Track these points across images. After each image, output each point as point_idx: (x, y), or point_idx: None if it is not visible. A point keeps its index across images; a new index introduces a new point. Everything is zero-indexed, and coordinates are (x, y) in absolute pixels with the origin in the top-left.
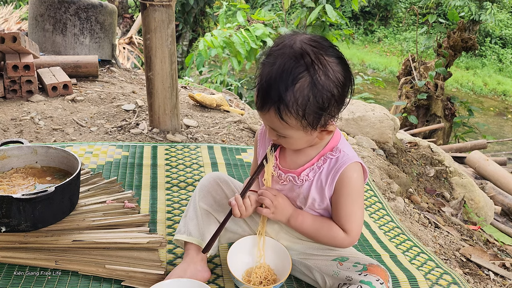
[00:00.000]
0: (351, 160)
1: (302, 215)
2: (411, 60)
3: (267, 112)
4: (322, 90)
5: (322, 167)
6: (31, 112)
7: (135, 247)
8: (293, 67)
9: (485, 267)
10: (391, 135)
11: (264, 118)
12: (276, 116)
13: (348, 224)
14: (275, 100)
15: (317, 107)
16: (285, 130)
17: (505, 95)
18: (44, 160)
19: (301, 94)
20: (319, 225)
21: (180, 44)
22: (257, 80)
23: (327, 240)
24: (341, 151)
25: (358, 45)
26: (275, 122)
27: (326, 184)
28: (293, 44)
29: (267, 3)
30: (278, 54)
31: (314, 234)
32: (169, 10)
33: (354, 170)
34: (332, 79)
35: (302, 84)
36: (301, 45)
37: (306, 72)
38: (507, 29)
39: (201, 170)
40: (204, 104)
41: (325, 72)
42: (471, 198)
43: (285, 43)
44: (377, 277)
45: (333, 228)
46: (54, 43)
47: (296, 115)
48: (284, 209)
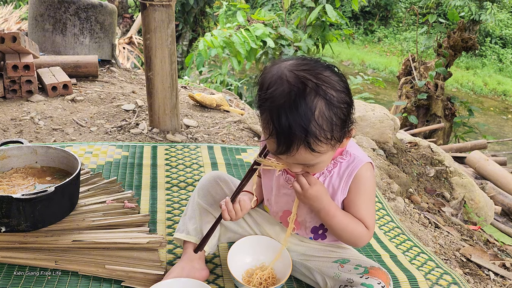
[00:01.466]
0: (362, 162)
1: (335, 208)
2: (411, 60)
3: (297, 152)
4: (339, 104)
5: (332, 171)
6: (31, 112)
7: (135, 247)
8: (304, 98)
9: (485, 267)
10: (391, 135)
11: (293, 159)
12: (307, 151)
13: (367, 221)
14: (303, 137)
15: (341, 122)
16: (317, 159)
17: (505, 95)
18: (44, 160)
19: (324, 119)
20: (348, 221)
21: (180, 44)
22: (269, 128)
23: (352, 236)
24: (351, 154)
25: (358, 45)
26: (307, 157)
27: (339, 188)
28: (285, 76)
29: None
30: (279, 94)
31: (341, 229)
32: (169, 10)
33: (367, 170)
34: (340, 90)
35: (320, 109)
36: (294, 74)
37: (318, 96)
38: (507, 29)
39: (201, 170)
40: (204, 104)
41: (332, 87)
42: (471, 198)
43: (275, 80)
44: (378, 280)
45: (359, 224)
46: (54, 43)
47: (326, 140)
48: (321, 197)
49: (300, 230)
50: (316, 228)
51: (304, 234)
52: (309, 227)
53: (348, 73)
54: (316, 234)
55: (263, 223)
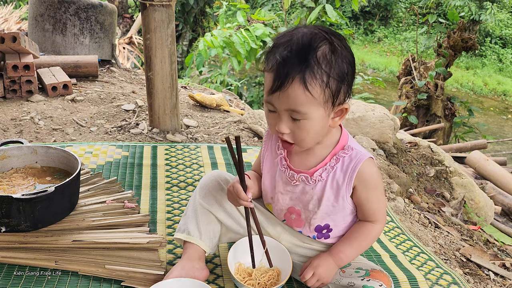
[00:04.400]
0: (365, 157)
1: (340, 252)
2: (411, 60)
3: (290, 85)
4: (342, 56)
5: (335, 167)
6: (31, 112)
7: (135, 247)
8: (312, 38)
9: (485, 267)
10: (391, 135)
11: (283, 97)
12: (301, 86)
13: (379, 215)
14: (300, 68)
15: (340, 73)
16: (307, 106)
17: (505, 95)
18: (44, 160)
19: (325, 58)
20: (358, 241)
21: (180, 44)
22: (271, 61)
23: (369, 243)
24: (353, 149)
25: (358, 45)
26: (298, 96)
27: (344, 183)
28: (302, 30)
29: (267, 3)
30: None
31: (360, 250)
32: (169, 10)
33: (371, 165)
34: (347, 50)
35: (324, 49)
36: (310, 29)
37: (326, 40)
38: (507, 29)
39: (201, 170)
40: (204, 104)
41: (341, 44)
42: (471, 198)
43: (291, 30)
44: (379, 282)
45: (367, 230)
46: (54, 43)
47: (321, 82)
48: (328, 269)
49: (304, 228)
50: (320, 227)
51: (307, 233)
52: (313, 225)
53: None
54: (320, 233)
55: (264, 223)
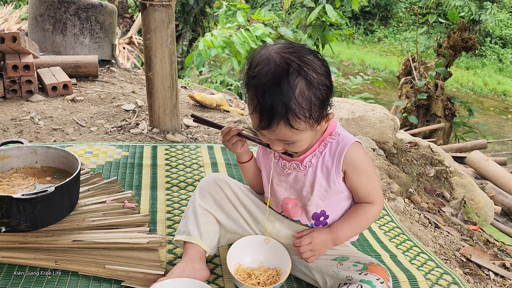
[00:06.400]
0: (351, 141)
1: (339, 230)
2: (411, 60)
3: (277, 127)
4: (319, 86)
5: (324, 152)
6: (31, 112)
7: (135, 247)
8: (287, 77)
9: (485, 267)
10: (391, 135)
11: (273, 134)
12: (287, 127)
13: (374, 196)
14: (283, 113)
15: (320, 102)
16: (296, 136)
17: (505, 95)
18: (44, 160)
19: (304, 97)
20: (356, 221)
21: (180, 44)
22: (253, 104)
23: (368, 223)
24: (340, 134)
25: (358, 45)
26: (286, 133)
27: (333, 167)
28: (272, 57)
29: (267, 3)
30: (264, 72)
31: (359, 230)
32: (169, 10)
33: (358, 148)
34: (321, 73)
35: (300, 88)
36: (280, 55)
37: (300, 76)
38: (507, 29)
39: (201, 170)
40: (204, 104)
41: (313, 69)
42: (471, 198)
43: (262, 60)
44: (377, 276)
45: (365, 210)
46: (54, 43)
47: (304, 118)
48: (324, 244)
49: (302, 217)
50: (317, 214)
51: (305, 221)
52: (310, 212)
53: (348, 73)
54: (317, 220)
55: (262, 222)
